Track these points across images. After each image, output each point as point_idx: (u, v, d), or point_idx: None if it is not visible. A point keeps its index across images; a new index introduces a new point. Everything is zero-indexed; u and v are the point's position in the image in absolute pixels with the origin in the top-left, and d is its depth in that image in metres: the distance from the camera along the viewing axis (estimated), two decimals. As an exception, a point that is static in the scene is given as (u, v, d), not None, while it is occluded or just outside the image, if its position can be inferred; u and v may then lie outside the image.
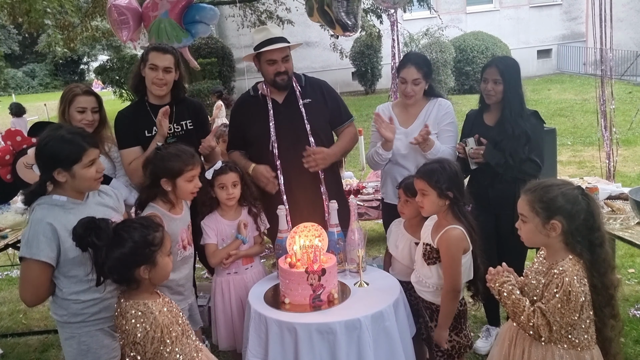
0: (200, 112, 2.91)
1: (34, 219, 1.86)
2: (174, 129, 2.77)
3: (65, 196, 1.91)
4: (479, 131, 2.80)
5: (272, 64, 2.66)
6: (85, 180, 1.90)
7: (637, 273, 3.74)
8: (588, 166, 6.73)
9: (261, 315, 2.13)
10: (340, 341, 1.99)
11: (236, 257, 2.49)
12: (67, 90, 2.68)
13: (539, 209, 1.71)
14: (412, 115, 2.87)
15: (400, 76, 2.79)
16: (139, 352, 1.66)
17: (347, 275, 2.40)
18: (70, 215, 1.88)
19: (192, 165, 2.26)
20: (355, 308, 2.11)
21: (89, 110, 2.63)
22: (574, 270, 1.67)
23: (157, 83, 2.68)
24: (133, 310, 1.67)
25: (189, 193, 2.30)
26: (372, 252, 4.32)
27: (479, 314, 3.26)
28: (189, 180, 2.26)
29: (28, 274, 1.85)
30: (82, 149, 1.87)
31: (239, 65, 16.11)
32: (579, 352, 1.70)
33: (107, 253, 1.67)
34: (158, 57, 2.66)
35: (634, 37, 15.07)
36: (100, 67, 13.01)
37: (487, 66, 2.80)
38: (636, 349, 2.84)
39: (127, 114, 2.81)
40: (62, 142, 1.86)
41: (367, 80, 15.46)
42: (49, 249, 1.82)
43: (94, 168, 1.91)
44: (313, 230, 2.33)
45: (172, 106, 2.74)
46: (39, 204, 1.89)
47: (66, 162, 1.86)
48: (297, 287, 2.14)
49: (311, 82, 2.84)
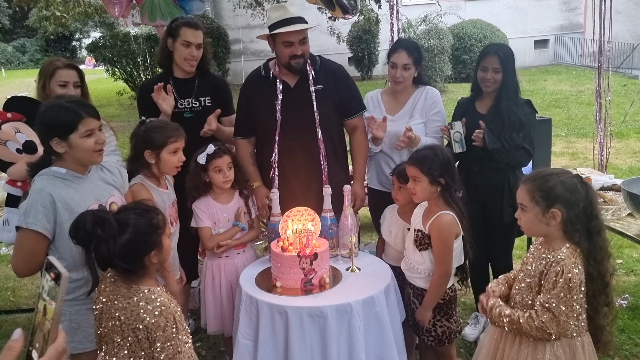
0: (222, 90, 2.88)
1: (34, 189, 1.82)
2: (191, 103, 2.75)
3: (65, 168, 1.87)
4: (471, 119, 2.78)
5: (288, 46, 2.51)
6: (84, 151, 1.85)
7: (625, 264, 3.79)
8: (581, 157, 6.76)
9: (252, 297, 2.13)
10: (330, 325, 2.00)
11: (228, 246, 2.48)
12: (48, 64, 2.58)
13: (538, 197, 1.71)
14: (399, 103, 2.86)
15: (390, 61, 2.78)
16: (138, 338, 1.59)
17: (339, 261, 2.40)
18: (70, 189, 1.85)
19: (175, 137, 2.23)
20: (346, 293, 2.11)
21: (70, 85, 2.53)
22: (571, 258, 1.67)
23: (190, 60, 2.67)
24: (137, 296, 1.61)
25: (173, 167, 2.26)
26: (364, 238, 4.33)
27: (468, 301, 3.29)
28: (173, 153, 2.23)
29: (22, 243, 1.81)
30: (78, 116, 1.81)
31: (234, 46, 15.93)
32: (570, 340, 1.71)
33: (115, 243, 1.59)
34: (192, 34, 2.63)
35: (631, 30, 15.05)
36: (92, 44, 12.75)
37: (485, 54, 2.77)
38: (621, 337, 2.88)
39: (149, 86, 2.78)
40: (59, 110, 1.81)
41: (364, 66, 15.35)
42: (45, 219, 1.78)
43: (92, 139, 1.85)
44: (306, 214, 2.32)
45: (195, 80, 2.75)
46: (39, 175, 1.86)
47: (62, 130, 1.81)
48: (289, 270, 2.14)
49: (326, 67, 2.69)
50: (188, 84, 2.78)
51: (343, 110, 2.72)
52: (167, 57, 2.74)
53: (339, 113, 2.71)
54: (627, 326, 2.98)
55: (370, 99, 2.96)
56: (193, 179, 2.47)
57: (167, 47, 2.71)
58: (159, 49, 2.82)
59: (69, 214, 1.81)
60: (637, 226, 2.54)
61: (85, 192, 1.89)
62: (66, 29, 20.87)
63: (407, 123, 2.79)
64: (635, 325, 2.99)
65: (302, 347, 2.01)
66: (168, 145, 2.22)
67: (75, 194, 1.86)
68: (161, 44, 2.79)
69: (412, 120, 2.81)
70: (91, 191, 1.92)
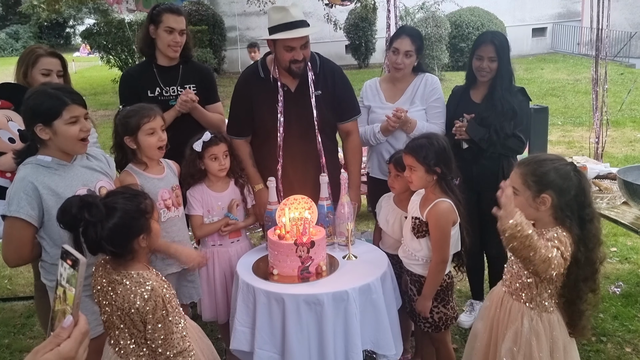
0: (207, 77, 2.85)
1: (17, 177, 1.83)
2: (177, 91, 2.73)
3: (51, 156, 1.86)
4: (465, 108, 2.80)
5: (289, 51, 2.41)
6: (67, 138, 1.83)
7: (619, 252, 3.82)
8: (577, 146, 6.78)
9: (249, 285, 2.13)
10: (327, 312, 2.01)
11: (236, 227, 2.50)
12: (29, 51, 2.52)
13: (530, 182, 1.72)
14: (399, 90, 2.85)
15: (393, 46, 2.76)
16: (133, 322, 1.63)
17: (335, 249, 2.41)
18: (55, 176, 1.84)
19: (147, 117, 2.20)
20: (343, 280, 2.12)
21: (54, 73, 2.49)
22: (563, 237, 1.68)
23: (174, 46, 2.64)
24: (127, 281, 1.64)
25: (154, 148, 2.23)
26: (360, 226, 4.34)
27: (463, 289, 3.32)
28: (150, 134, 2.21)
29: (9, 232, 1.82)
30: (63, 103, 1.80)
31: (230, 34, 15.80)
32: (550, 314, 1.77)
33: (103, 227, 1.61)
34: (174, 20, 2.60)
35: (629, 18, 15.00)
36: (86, 31, 12.62)
37: (481, 43, 2.76)
38: (614, 324, 2.92)
39: (133, 73, 2.77)
40: (44, 96, 1.80)
41: (361, 54, 15.27)
42: (29, 207, 1.78)
43: (77, 126, 1.84)
44: (303, 202, 2.32)
45: (178, 68, 2.72)
46: (24, 163, 1.85)
47: (46, 116, 1.79)
48: (286, 258, 2.14)
49: (325, 69, 2.60)
50: (172, 71, 2.75)
51: (338, 114, 2.65)
52: (149, 45, 2.71)
53: (335, 116, 2.65)
54: (620, 313, 3.01)
55: (368, 87, 2.94)
56: (188, 166, 2.46)
57: (149, 34, 2.67)
58: (141, 37, 2.76)
59: (55, 199, 1.80)
60: (632, 214, 2.56)
61: (71, 178, 1.89)
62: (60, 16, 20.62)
63: (408, 110, 2.78)
64: (628, 312, 3.03)
65: (299, 334, 2.03)
66: (142, 127, 2.20)
67: (61, 180, 1.85)
68: (142, 31, 2.74)
69: (413, 107, 2.80)
70: (77, 177, 1.91)
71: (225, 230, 2.49)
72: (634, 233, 2.47)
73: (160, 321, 1.63)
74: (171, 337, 1.65)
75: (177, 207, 2.36)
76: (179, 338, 1.66)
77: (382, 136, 2.76)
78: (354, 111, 2.70)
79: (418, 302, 2.25)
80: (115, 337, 1.70)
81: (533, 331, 1.77)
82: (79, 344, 0.91)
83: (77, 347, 0.90)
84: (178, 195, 2.37)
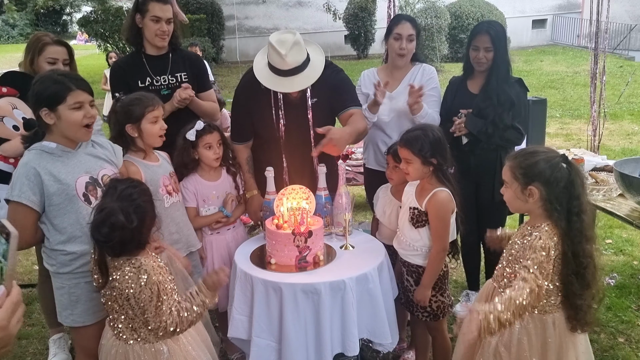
0: (197, 65, 2.83)
1: (21, 162, 1.86)
2: (168, 80, 2.72)
3: (56, 143, 1.87)
4: (463, 99, 2.80)
5: None
6: (71, 124, 1.85)
7: (614, 244, 3.85)
8: (575, 139, 6.80)
9: (247, 274, 2.15)
10: (324, 301, 2.03)
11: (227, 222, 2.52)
12: (35, 39, 2.52)
13: (518, 174, 1.73)
14: (396, 80, 2.85)
15: (394, 32, 2.75)
16: (131, 306, 1.69)
17: (333, 239, 2.42)
18: (58, 163, 1.86)
19: (152, 106, 2.22)
20: (340, 270, 2.13)
21: (60, 62, 2.49)
22: (550, 233, 1.69)
23: (161, 35, 2.62)
24: (127, 266, 1.69)
25: (156, 136, 2.25)
26: (358, 217, 4.36)
27: (459, 279, 3.35)
28: (153, 122, 2.22)
29: (12, 216, 1.83)
30: (67, 88, 1.82)
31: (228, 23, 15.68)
32: (542, 315, 1.75)
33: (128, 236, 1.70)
34: (160, 9, 2.58)
35: (629, 10, 14.95)
36: (83, 19, 12.52)
37: (476, 33, 2.76)
38: (608, 315, 2.95)
39: (122, 65, 2.75)
40: (50, 81, 1.83)
41: (360, 45, 15.19)
42: (30, 192, 1.81)
43: (81, 112, 1.85)
44: (301, 192, 2.33)
45: (168, 56, 2.71)
46: (30, 149, 1.88)
47: (51, 100, 1.81)
48: (284, 248, 2.16)
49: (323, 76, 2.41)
50: (162, 60, 2.73)
51: (336, 109, 2.54)
52: (135, 34, 2.68)
53: (333, 114, 2.57)
54: (614, 304, 3.04)
55: (366, 77, 2.94)
56: (181, 155, 2.45)
57: (136, 24, 2.65)
58: (126, 26, 2.73)
59: (57, 186, 1.84)
60: (628, 206, 2.58)
61: (74, 165, 1.90)
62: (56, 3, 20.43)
63: (405, 99, 2.77)
64: (622, 303, 3.06)
65: (296, 322, 2.04)
66: (146, 115, 2.21)
67: (63, 166, 1.87)
68: (128, 20, 2.71)
69: None
70: (81, 164, 1.92)
71: (216, 227, 2.51)
72: (630, 225, 2.48)
73: (155, 307, 1.68)
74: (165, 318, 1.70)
75: (177, 192, 2.38)
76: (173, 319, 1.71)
77: (370, 114, 2.70)
78: (352, 102, 2.55)
79: (417, 291, 2.26)
80: (115, 320, 1.77)
81: (524, 330, 1.76)
82: (11, 313, 0.93)
83: (9, 317, 0.93)
84: (175, 181, 2.40)
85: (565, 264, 1.68)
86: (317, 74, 2.35)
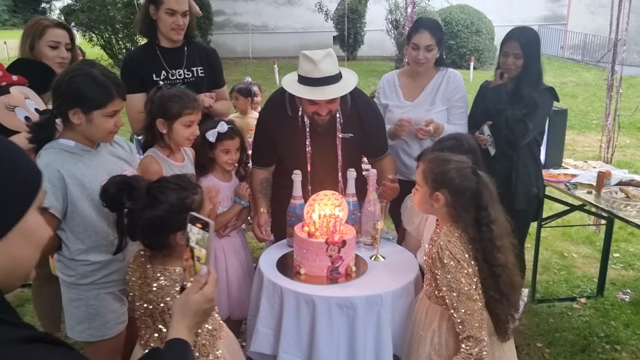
0: (212, 59, 2.70)
1: (41, 165, 1.64)
2: (184, 74, 2.59)
3: (74, 141, 1.71)
4: (493, 104, 2.72)
5: (312, 104, 2.22)
6: (102, 130, 1.72)
7: (622, 257, 3.84)
8: (569, 149, 6.86)
9: (276, 285, 2.01)
10: (360, 316, 1.90)
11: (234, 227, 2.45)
12: (34, 22, 2.35)
13: (429, 179, 1.77)
14: (419, 87, 2.75)
15: (412, 42, 2.66)
16: (163, 319, 1.53)
17: (361, 248, 2.30)
18: (80, 164, 1.70)
19: (192, 109, 2.08)
20: (375, 283, 2.01)
21: (62, 46, 2.33)
22: (447, 236, 1.71)
23: (177, 28, 2.49)
24: (163, 277, 1.54)
25: (185, 139, 2.11)
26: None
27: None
28: (187, 126, 2.08)
29: None
30: (110, 96, 1.67)
31: (217, 18, 15.44)
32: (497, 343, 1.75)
33: (140, 215, 1.50)
34: (176, 1, 2.45)
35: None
36: (67, 8, 12.07)
37: (507, 39, 2.71)
38: (627, 332, 2.92)
39: (135, 57, 2.61)
40: (92, 82, 1.65)
41: (349, 46, 15.14)
42: (53, 197, 1.63)
43: (113, 120, 1.72)
44: (333, 198, 2.20)
45: (183, 50, 2.59)
46: (45, 148, 1.69)
47: (89, 104, 1.65)
48: (315, 257, 2.02)
49: (356, 110, 2.39)
50: (177, 53, 2.60)
51: (368, 152, 2.58)
52: (149, 27, 2.55)
53: (364, 153, 2.60)
54: (632, 321, 3.01)
55: (386, 83, 2.83)
56: (199, 155, 2.34)
57: (149, 15, 2.52)
58: (140, 17, 2.61)
59: (80, 190, 1.68)
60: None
61: (96, 166, 1.75)
62: (36, -12, 19.74)
63: (427, 110, 2.69)
64: (639, 319, 3.03)
65: (329, 338, 1.91)
66: (182, 117, 2.07)
67: (86, 168, 1.71)
68: (142, 11, 2.57)
69: (434, 107, 2.71)
70: (102, 166, 1.77)
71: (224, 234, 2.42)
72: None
73: None
74: None
75: None
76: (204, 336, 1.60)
77: (389, 140, 2.64)
78: (380, 150, 2.55)
79: None
80: (145, 339, 1.60)
81: (452, 333, 1.74)
82: (215, 287, 1.16)
83: (215, 290, 1.15)
84: None
85: (479, 269, 1.71)
86: (350, 86, 2.26)
